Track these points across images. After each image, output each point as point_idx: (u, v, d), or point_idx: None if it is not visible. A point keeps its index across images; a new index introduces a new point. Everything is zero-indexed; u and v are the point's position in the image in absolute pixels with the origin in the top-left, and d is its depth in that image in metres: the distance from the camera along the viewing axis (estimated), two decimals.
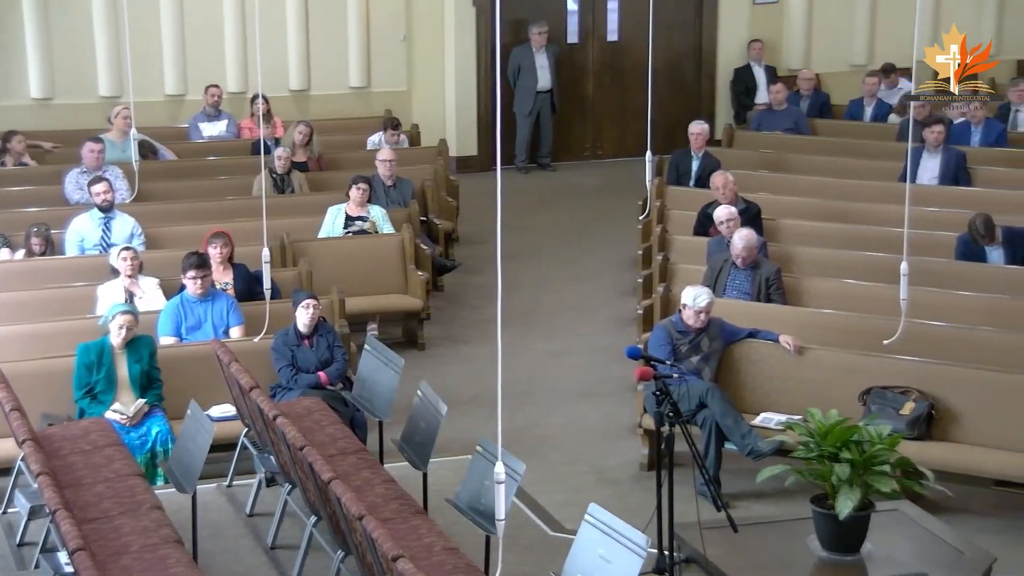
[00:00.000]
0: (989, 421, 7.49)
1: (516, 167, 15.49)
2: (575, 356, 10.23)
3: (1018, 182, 11.31)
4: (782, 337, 8.08)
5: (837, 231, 10.41)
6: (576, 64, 16.06)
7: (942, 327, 8.34)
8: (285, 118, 13.45)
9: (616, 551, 5.32)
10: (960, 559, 5.89)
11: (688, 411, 7.46)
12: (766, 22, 16.08)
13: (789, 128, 13.61)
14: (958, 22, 16.37)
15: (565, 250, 12.89)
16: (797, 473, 6.03)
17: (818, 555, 5.88)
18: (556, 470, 8.25)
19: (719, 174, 10.56)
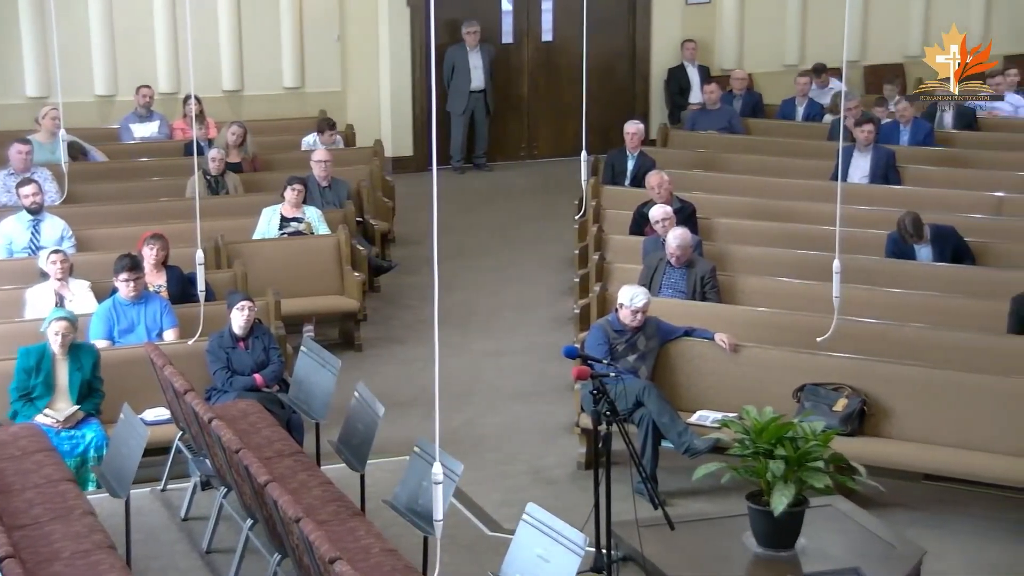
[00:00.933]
0: (919, 416, 7.60)
1: (452, 167, 15.48)
2: (512, 356, 10.24)
3: (945, 181, 11.48)
4: (717, 335, 8.15)
5: (771, 230, 10.51)
6: (511, 64, 16.08)
7: (873, 324, 8.46)
8: (218, 119, 13.33)
9: (554, 550, 5.33)
10: (892, 553, 5.97)
11: (625, 410, 7.49)
12: (699, 22, 16.21)
13: (723, 127, 13.72)
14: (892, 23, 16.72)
15: (502, 250, 12.90)
16: (733, 470, 6.08)
17: (753, 551, 5.93)
18: (494, 470, 8.25)
19: (654, 173, 10.62)
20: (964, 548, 7.10)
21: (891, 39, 16.83)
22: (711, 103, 13.94)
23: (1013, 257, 9.40)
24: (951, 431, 7.50)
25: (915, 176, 11.69)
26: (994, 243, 9.77)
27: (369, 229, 11.89)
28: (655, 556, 5.89)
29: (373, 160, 13.04)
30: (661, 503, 6.17)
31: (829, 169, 11.54)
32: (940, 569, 6.59)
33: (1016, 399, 7.41)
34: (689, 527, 6.23)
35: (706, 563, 6.00)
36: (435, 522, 5.18)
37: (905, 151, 12.21)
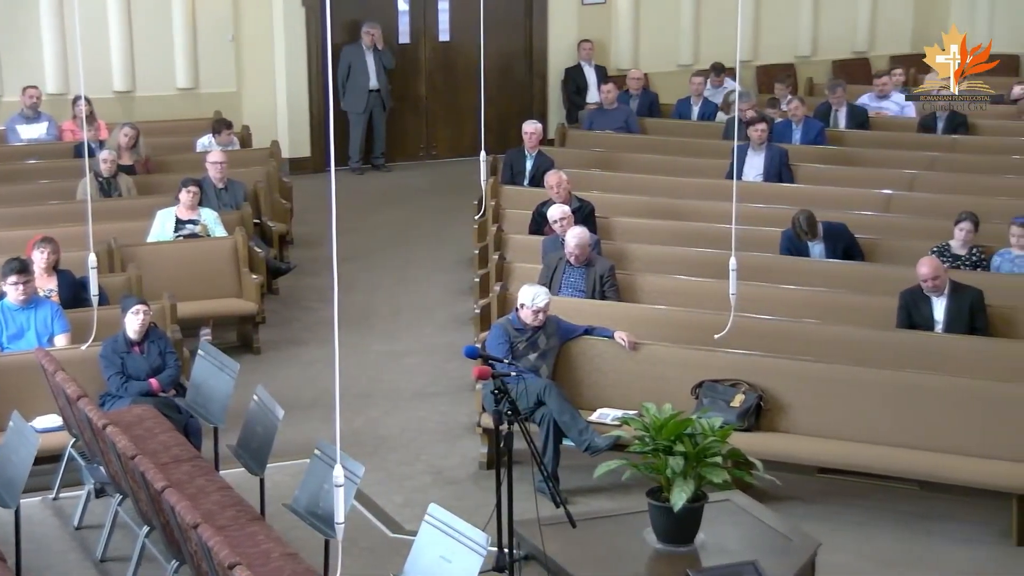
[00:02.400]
0: (813, 411, 7.74)
1: (350, 168, 15.39)
2: (413, 356, 10.21)
3: (836, 179, 11.71)
4: (617, 333, 8.21)
5: (668, 228, 10.62)
6: (408, 64, 16.03)
7: (769, 320, 8.59)
8: (109, 120, 13.07)
9: (456, 550, 5.33)
10: (788, 545, 6.07)
11: (526, 409, 7.50)
12: (595, 23, 16.32)
13: (620, 127, 13.83)
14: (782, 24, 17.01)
15: (402, 250, 12.86)
16: (633, 467, 6.13)
17: (654, 547, 5.98)
18: (395, 471, 8.22)
19: (553, 173, 10.67)
20: (856, 539, 7.25)
21: (782, 40, 17.13)
22: (608, 103, 14.04)
23: (901, 253, 9.61)
24: (844, 425, 7.65)
25: (807, 174, 11.90)
26: (883, 240, 9.98)
27: (267, 231, 11.76)
28: (557, 554, 5.92)
29: (270, 161, 12.90)
30: (563, 501, 6.19)
31: (724, 168, 11.70)
32: (834, 560, 6.72)
33: (906, 392, 7.58)
34: (591, 525, 6.27)
35: (607, 560, 6.04)
36: (336, 525, 5.14)
37: (798, 150, 12.42)
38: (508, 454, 6.12)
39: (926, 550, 7.17)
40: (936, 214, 10.39)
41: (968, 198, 10.70)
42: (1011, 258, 9.24)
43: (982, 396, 7.43)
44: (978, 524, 7.35)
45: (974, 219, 9.33)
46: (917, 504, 7.59)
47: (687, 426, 5.97)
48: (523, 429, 6.16)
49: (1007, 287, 8.90)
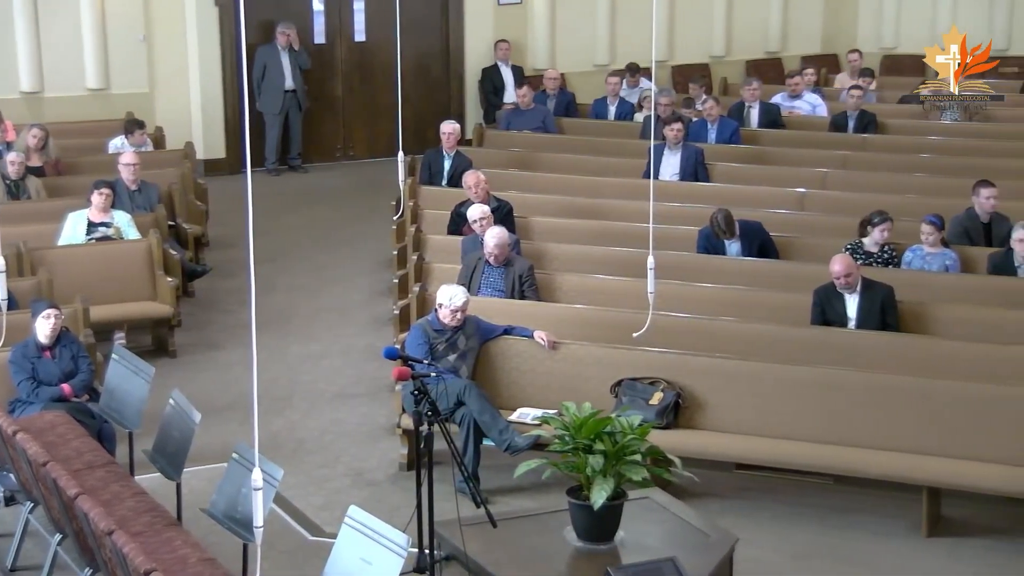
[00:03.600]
0: (730, 407, 7.82)
1: (266, 169, 15.26)
2: (332, 358, 10.15)
3: (751, 177, 11.85)
4: (536, 333, 8.23)
5: (586, 227, 10.67)
6: (324, 64, 15.94)
7: (686, 318, 8.67)
8: (17, 122, 12.81)
9: (376, 552, 5.31)
10: (706, 541, 6.12)
11: (446, 409, 7.50)
12: (511, 23, 16.35)
13: (537, 127, 13.87)
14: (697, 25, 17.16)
15: (319, 252, 12.78)
16: (553, 466, 6.15)
17: (574, 545, 6.00)
18: (315, 473, 8.16)
19: (471, 173, 10.67)
20: (773, 534, 7.34)
21: (696, 40, 17.30)
22: (525, 103, 14.07)
23: (815, 251, 9.74)
24: (761, 421, 7.74)
25: (723, 173, 12.03)
26: (797, 238, 10.12)
27: (182, 233, 11.62)
28: (478, 554, 5.92)
29: (184, 162, 12.75)
30: (483, 501, 6.19)
31: (641, 167, 11.78)
32: (751, 555, 6.79)
33: (820, 387, 7.69)
34: (511, 524, 6.27)
35: (528, 559, 6.05)
36: (255, 529, 5.09)
37: (713, 149, 12.55)
38: (428, 455, 6.11)
39: (840, 543, 7.28)
40: (848, 212, 10.56)
41: (879, 196, 10.89)
42: (922, 255, 9.42)
43: (894, 391, 7.57)
44: (890, 517, 7.48)
45: (888, 218, 9.49)
46: (832, 498, 7.71)
47: (606, 424, 6.00)
48: (443, 430, 6.15)
49: (917, 284, 9.07)
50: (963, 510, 7.50)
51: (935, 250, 9.38)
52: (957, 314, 8.62)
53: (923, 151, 12.56)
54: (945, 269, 9.32)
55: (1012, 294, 8.90)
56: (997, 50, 17.13)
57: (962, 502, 7.49)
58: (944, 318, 8.61)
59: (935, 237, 9.36)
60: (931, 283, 9.15)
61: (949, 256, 9.37)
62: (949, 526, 7.40)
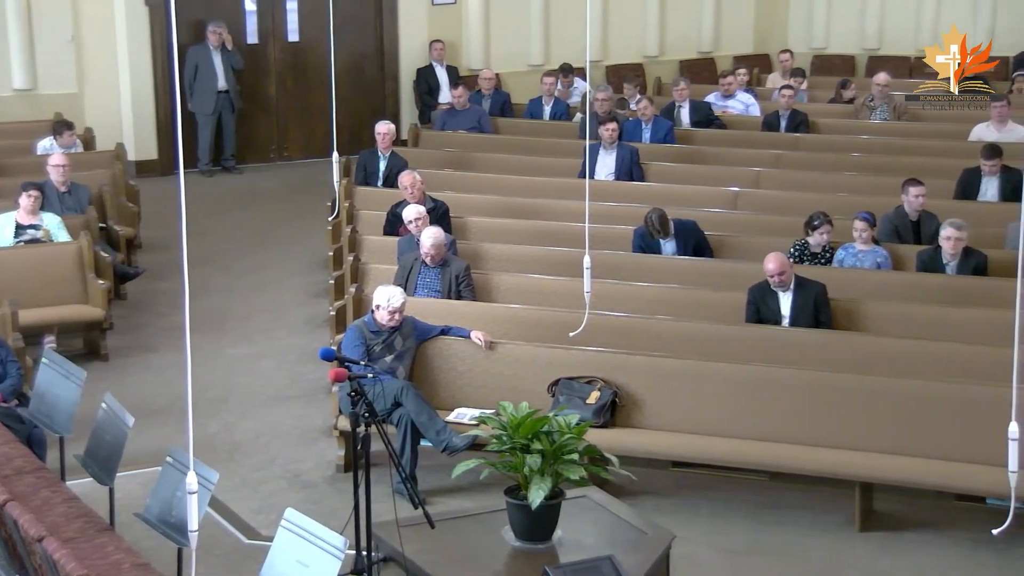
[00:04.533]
0: (666, 406, 7.87)
1: (199, 170, 15.12)
2: (268, 360, 10.08)
3: (686, 177, 11.93)
4: (473, 333, 8.23)
5: (522, 227, 10.69)
6: (257, 64, 15.82)
7: (622, 317, 8.70)
8: None
9: (313, 554, 5.28)
10: (643, 539, 6.15)
11: (383, 410, 7.48)
12: (445, 23, 16.34)
13: (472, 127, 13.87)
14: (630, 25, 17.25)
15: (254, 253, 12.68)
16: (491, 466, 6.15)
17: (512, 545, 6.01)
18: (250, 476, 8.10)
19: (407, 173, 10.64)
20: (709, 530, 7.40)
21: (630, 40, 17.39)
22: (461, 104, 14.06)
23: (749, 249, 9.83)
24: (697, 418, 7.80)
25: (658, 172, 12.10)
26: (731, 236, 10.20)
27: (113, 235, 11.49)
28: (416, 555, 5.90)
29: (115, 164, 12.59)
30: (421, 502, 6.17)
31: (576, 167, 11.82)
32: (687, 552, 6.84)
33: (755, 385, 7.76)
34: (449, 524, 6.27)
35: (466, 559, 6.05)
36: (190, 533, 5.03)
37: (648, 148, 12.61)
38: (365, 456, 6.09)
39: (775, 538, 7.36)
40: (782, 211, 10.67)
41: (812, 195, 11.01)
42: (854, 252, 9.53)
43: (827, 388, 7.65)
44: (824, 512, 7.56)
45: (830, 220, 9.58)
46: (767, 494, 7.78)
47: (544, 424, 6.01)
48: (380, 431, 6.14)
49: (849, 281, 9.18)
50: (895, 504, 7.60)
51: (867, 248, 9.50)
52: (888, 311, 8.74)
53: (854, 150, 12.72)
54: (877, 267, 9.45)
55: (941, 291, 9.03)
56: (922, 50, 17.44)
57: (894, 497, 7.60)
58: (875, 315, 8.73)
59: (868, 234, 9.48)
60: (862, 280, 9.26)
61: (880, 254, 9.50)
62: (882, 520, 7.50)
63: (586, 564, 5.52)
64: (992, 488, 6.99)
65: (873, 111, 13.98)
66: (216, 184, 15.01)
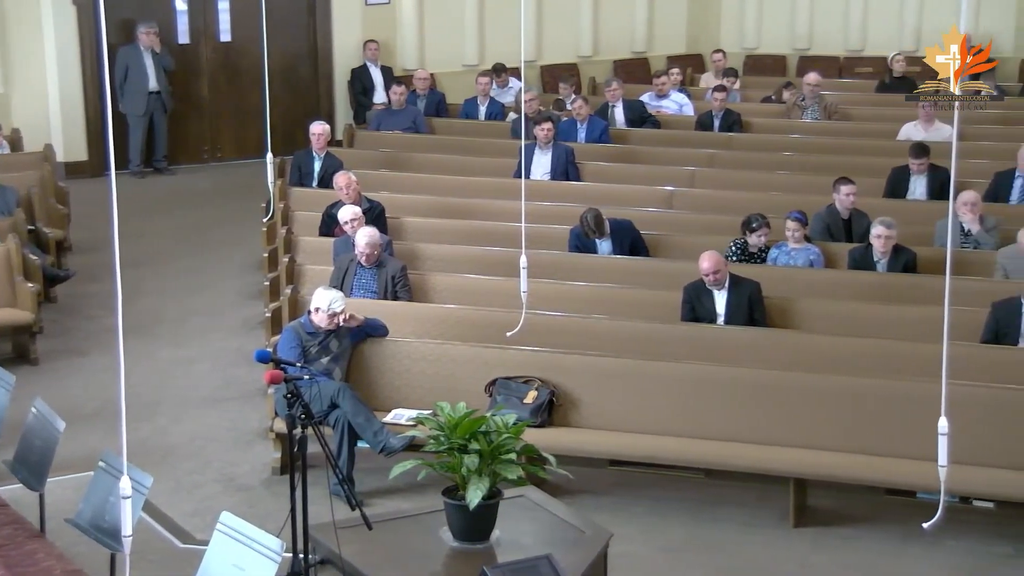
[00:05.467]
0: (603, 404, 7.90)
1: (130, 171, 14.94)
2: (203, 362, 9.99)
3: (621, 176, 11.98)
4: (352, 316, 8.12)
5: (459, 227, 10.68)
6: (189, 65, 15.67)
7: (559, 317, 8.72)
8: None
9: (249, 558, 5.23)
10: (581, 538, 6.17)
11: (320, 412, 7.45)
12: (379, 23, 16.29)
13: (408, 127, 13.83)
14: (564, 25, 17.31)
15: (188, 255, 12.56)
16: (428, 466, 6.13)
17: (450, 545, 6.00)
18: (185, 480, 8.02)
19: (342, 174, 10.60)
20: (646, 528, 7.44)
21: (564, 40, 17.44)
22: (397, 104, 14.02)
23: (684, 248, 9.89)
24: (634, 417, 7.84)
25: (593, 172, 12.15)
26: (666, 235, 10.26)
27: (42, 237, 11.32)
28: (353, 557, 5.87)
29: (44, 165, 12.42)
30: (358, 504, 6.15)
31: (512, 167, 11.83)
32: (625, 550, 6.87)
33: (691, 383, 7.81)
34: (387, 526, 6.24)
35: (404, 560, 6.03)
36: (123, 538, 4.97)
37: (583, 148, 12.65)
38: (302, 458, 6.05)
39: (711, 535, 7.41)
40: (716, 210, 10.75)
41: (745, 193, 11.12)
42: (787, 251, 9.63)
43: (762, 385, 7.72)
44: (759, 508, 7.63)
45: (766, 221, 9.67)
46: (703, 491, 7.84)
47: (481, 424, 6.01)
48: (317, 432, 6.10)
49: (783, 279, 9.28)
50: (829, 500, 7.69)
51: (799, 246, 9.60)
52: (820, 309, 8.84)
53: (786, 149, 12.85)
54: (810, 265, 9.55)
55: (872, 288, 9.15)
56: (851, 50, 17.68)
57: (828, 492, 7.69)
58: (808, 313, 8.82)
59: (800, 233, 9.59)
60: (796, 279, 9.36)
61: (813, 252, 9.60)
62: (815, 516, 7.58)
63: (524, 564, 5.52)
64: (922, 482, 7.11)
65: (804, 111, 14.14)
66: (148, 185, 14.84)
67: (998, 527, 7.39)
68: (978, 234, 9.81)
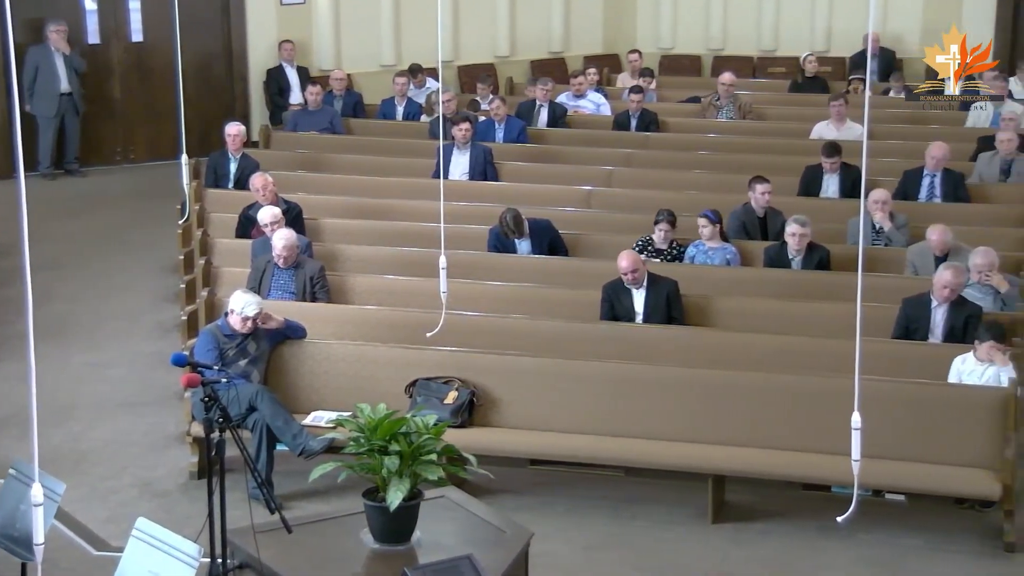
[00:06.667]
0: (524, 404, 7.92)
1: (40, 173, 14.67)
2: (117, 367, 9.84)
3: (539, 176, 12.02)
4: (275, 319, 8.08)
5: (377, 228, 10.64)
6: (100, 65, 15.42)
7: (479, 317, 8.73)
8: None
9: (166, 564, 5.17)
10: (502, 537, 6.17)
11: (238, 415, 7.37)
12: (295, 23, 16.16)
13: (325, 128, 13.75)
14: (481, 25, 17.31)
15: (101, 259, 12.36)
16: (349, 468, 6.10)
17: (371, 547, 5.98)
18: (99, 486, 7.90)
19: (258, 175, 10.51)
20: (566, 527, 7.47)
21: (481, 40, 17.44)
22: (315, 102, 13.92)
23: (603, 247, 9.95)
24: (554, 416, 7.86)
25: (511, 172, 12.17)
26: (585, 235, 10.31)
27: None
28: (272, 561, 5.82)
29: None
30: (277, 507, 6.09)
31: (431, 167, 11.81)
32: (546, 549, 6.89)
33: (610, 381, 7.86)
34: (307, 529, 6.19)
35: (324, 563, 5.99)
36: (35, 547, 4.87)
37: (501, 148, 12.67)
38: (220, 462, 5.98)
39: (630, 532, 7.46)
40: (634, 209, 10.82)
41: (662, 192, 11.20)
42: (704, 250, 9.73)
43: (680, 383, 7.79)
44: (678, 505, 7.70)
45: (670, 218, 9.75)
46: (623, 489, 7.89)
47: (401, 425, 5.99)
48: (235, 436, 6.04)
49: (700, 277, 9.37)
50: (747, 495, 7.78)
51: (715, 244, 9.70)
52: (737, 306, 8.94)
53: (702, 148, 12.98)
54: (726, 263, 9.65)
55: (787, 286, 9.28)
56: (764, 50, 17.91)
57: (746, 488, 7.78)
58: (725, 310, 8.92)
59: (710, 230, 9.67)
60: (713, 277, 9.46)
61: (729, 250, 9.71)
62: (733, 511, 7.67)
63: (445, 564, 5.52)
64: (837, 476, 7.22)
65: (720, 110, 14.29)
66: (59, 188, 14.58)
67: (909, 519, 7.54)
68: (889, 231, 9.99)
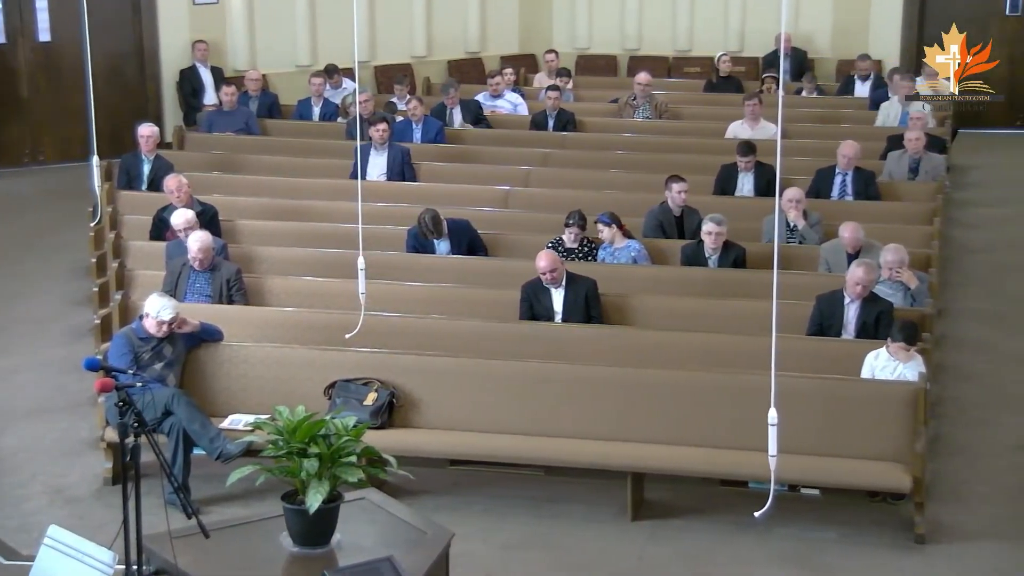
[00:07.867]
0: (443, 404, 7.91)
1: None
2: (27, 372, 9.66)
3: (457, 176, 12.02)
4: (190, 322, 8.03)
5: (294, 229, 10.56)
6: (6, 65, 15.14)
7: (397, 318, 8.70)
8: None
9: (80, 572, 5.10)
10: (423, 538, 6.16)
11: (153, 419, 7.28)
12: (208, 23, 15.99)
13: (240, 129, 13.62)
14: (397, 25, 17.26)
15: (9, 262, 12.13)
16: (267, 472, 6.04)
17: (290, 550, 5.93)
18: (9, 494, 7.75)
19: (172, 177, 10.38)
20: (486, 527, 7.47)
21: (398, 40, 17.40)
22: (230, 103, 13.78)
23: (521, 247, 9.97)
24: (473, 416, 7.86)
25: (429, 172, 12.15)
26: (503, 235, 10.33)
27: None
28: (190, 566, 5.75)
29: None
30: (195, 512, 6.02)
31: (348, 168, 11.75)
32: (466, 549, 6.88)
33: (529, 381, 7.87)
34: (225, 533, 6.13)
35: (242, 567, 5.93)
36: None
37: (419, 148, 12.65)
38: (135, 467, 5.90)
39: (550, 531, 7.48)
40: (551, 208, 10.86)
41: (580, 192, 11.26)
42: (611, 251, 9.78)
43: (599, 382, 7.83)
44: (598, 503, 7.74)
45: (581, 222, 9.76)
46: (543, 489, 7.91)
47: (321, 427, 5.95)
48: (151, 441, 5.96)
49: (618, 277, 9.42)
50: (665, 493, 7.84)
51: (621, 244, 9.75)
52: (655, 305, 9.01)
53: (619, 148, 13.06)
54: (633, 261, 9.70)
55: (704, 284, 9.37)
56: (679, 51, 18.07)
57: (664, 485, 7.84)
58: (643, 309, 8.98)
59: (608, 233, 9.70)
60: (630, 276, 9.52)
61: (634, 247, 9.76)
62: (652, 509, 7.72)
63: (366, 566, 5.50)
64: (754, 472, 7.30)
65: (636, 110, 14.40)
66: None
67: (824, 513, 7.65)
68: (803, 229, 10.14)
